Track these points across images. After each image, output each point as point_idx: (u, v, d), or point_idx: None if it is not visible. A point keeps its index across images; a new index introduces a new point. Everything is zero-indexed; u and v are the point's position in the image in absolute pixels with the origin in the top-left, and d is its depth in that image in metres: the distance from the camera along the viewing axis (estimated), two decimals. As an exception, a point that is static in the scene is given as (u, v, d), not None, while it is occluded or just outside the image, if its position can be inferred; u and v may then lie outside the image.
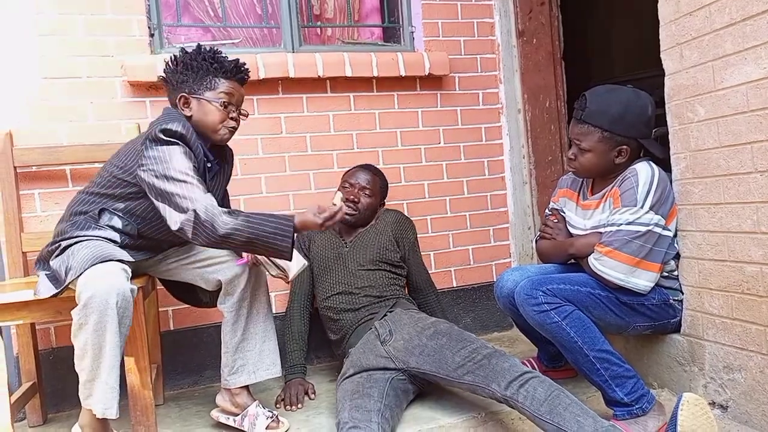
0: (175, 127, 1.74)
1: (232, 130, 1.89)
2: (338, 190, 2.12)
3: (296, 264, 1.88)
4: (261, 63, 2.47)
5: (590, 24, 4.75)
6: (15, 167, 2.17)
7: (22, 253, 2.16)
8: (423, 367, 1.90)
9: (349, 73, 2.59)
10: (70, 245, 1.72)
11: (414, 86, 2.76)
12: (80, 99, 2.31)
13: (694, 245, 1.87)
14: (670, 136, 1.94)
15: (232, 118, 1.86)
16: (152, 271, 1.99)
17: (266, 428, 1.84)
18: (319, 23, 2.85)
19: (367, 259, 2.31)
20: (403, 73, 2.66)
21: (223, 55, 1.87)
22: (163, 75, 1.89)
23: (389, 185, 2.53)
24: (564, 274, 1.88)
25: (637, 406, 1.72)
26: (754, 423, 1.71)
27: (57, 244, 1.76)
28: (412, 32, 2.81)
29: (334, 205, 1.80)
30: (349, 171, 2.46)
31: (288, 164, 2.58)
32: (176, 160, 1.71)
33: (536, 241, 2.16)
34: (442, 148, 2.81)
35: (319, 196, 2.61)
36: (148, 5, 2.43)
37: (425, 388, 2.07)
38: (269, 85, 2.54)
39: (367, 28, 2.95)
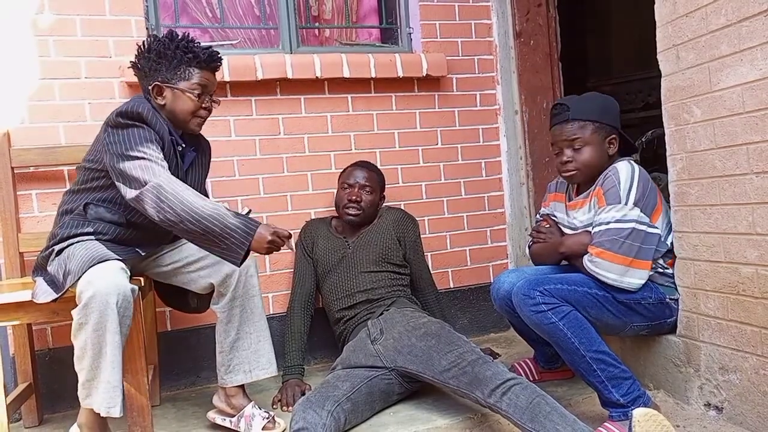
0: (132, 107, 1.74)
1: (204, 120, 1.90)
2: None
3: None
4: (259, 64, 2.47)
5: (588, 25, 4.76)
6: (12, 167, 2.17)
7: (19, 253, 2.16)
8: (410, 367, 1.91)
9: (347, 74, 2.59)
10: (64, 248, 1.73)
11: (412, 87, 2.76)
12: (78, 99, 2.31)
13: (689, 246, 1.87)
14: (666, 138, 1.95)
15: (204, 108, 1.87)
16: (147, 272, 1.98)
17: (262, 429, 1.84)
18: (317, 24, 2.86)
19: (370, 260, 2.31)
20: (400, 75, 2.66)
21: (197, 42, 1.84)
22: (134, 61, 1.86)
23: (386, 186, 2.54)
24: (561, 275, 1.88)
25: (632, 408, 1.72)
26: (749, 424, 1.71)
27: (50, 249, 1.76)
28: (410, 33, 2.82)
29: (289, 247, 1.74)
30: (345, 171, 2.47)
31: (286, 165, 2.58)
32: (134, 141, 1.71)
33: (529, 247, 2.16)
34: (440, 149, 2.82)
35: (316, 197, 2.62)
36: (146, 6, 2.43)
37: (419, 389, 2.07)
38: (267, 86, 2.54)
39: (365, 30, 2.95)
